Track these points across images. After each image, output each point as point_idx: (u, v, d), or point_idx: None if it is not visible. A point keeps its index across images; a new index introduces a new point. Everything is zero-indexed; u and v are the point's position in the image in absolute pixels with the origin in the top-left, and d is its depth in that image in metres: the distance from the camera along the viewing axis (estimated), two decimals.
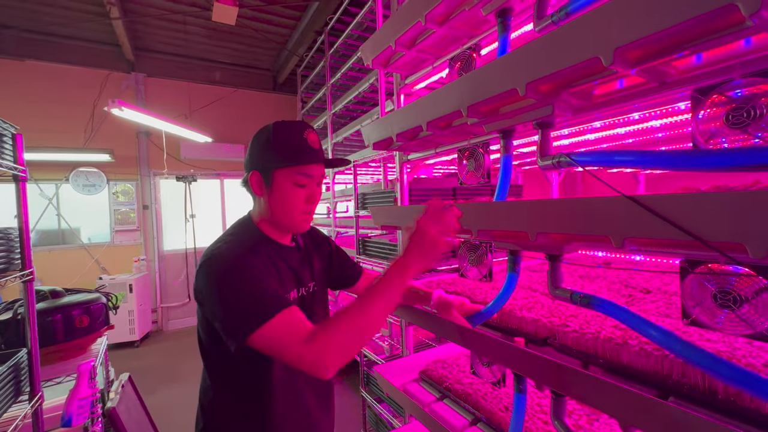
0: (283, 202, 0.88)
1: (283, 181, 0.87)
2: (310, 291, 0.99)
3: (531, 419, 1.02)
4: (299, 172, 0.87)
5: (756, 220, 0.44)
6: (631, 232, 0.57)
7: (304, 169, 0.88)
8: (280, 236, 0.95)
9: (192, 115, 5.12)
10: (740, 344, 0.69)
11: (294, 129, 0.89)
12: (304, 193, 0.89)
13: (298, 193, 0.88)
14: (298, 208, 0.89)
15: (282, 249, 0.94)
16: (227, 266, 0.77)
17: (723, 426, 0.52)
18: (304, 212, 0.90)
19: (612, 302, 0.69)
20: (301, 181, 0.88)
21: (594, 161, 0.66)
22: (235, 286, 0.75)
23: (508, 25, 0.90)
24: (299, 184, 0.88)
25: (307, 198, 0.90)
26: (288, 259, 0.94)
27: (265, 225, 0.93)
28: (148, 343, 4.51)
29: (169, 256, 5.15)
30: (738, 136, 0.59)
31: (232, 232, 0.91)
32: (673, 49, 0.56)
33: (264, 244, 0.90)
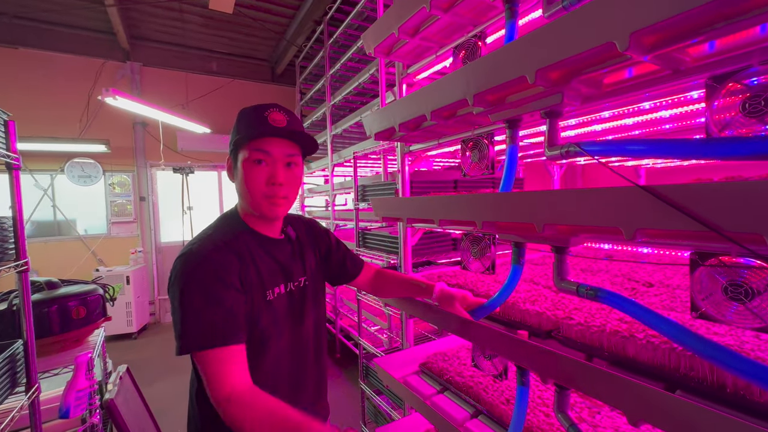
0: (243, 182, 0.85)
1: (243, 160, 0.85)
2: (299, 286, 0.96)
3: (533, 412, 1.02)
4: (254, 148, 0.83)
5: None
6: (644, 223, 0.56)
7: (259, 144, 0.83)
8: (265, 228, 0.92)
9: (189, 105, 5.06)
10: (748, 337, 0.68)
11: (257, 108, 0.86)
12: (264, 172, 0.84)
13: (256, 171, 0.84)
14: (259, 190, 0.84)
15: (267, 242, 0.91)
16: (190, 272, 0.77)
17: (732, 419, 0.51)
18: (267, 195, 0.85)
19: (619, 294, 0.68)
20: (256, 156, 0.83)
21: (604, 151, 0.64)
22: (190, 297, 0.75)
23: (516, 11, 0.88)
24: (255, 159, 0.83)
25: (269, 178, 0.84)
26: (274, 252, 0.92)
27: (247, 215, 0.92)
28: (146, 335, 4.51)
29: (167, 248, 5.13)
30: (754, 125, 0.58)
31: (214, 225, 0.90)
32: (690, 34, 0.54)
33: (247, 237, 0.88)
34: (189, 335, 0.74)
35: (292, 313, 0.93)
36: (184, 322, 0.74)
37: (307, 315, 0.97)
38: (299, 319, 0.95)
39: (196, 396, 0.89)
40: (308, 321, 0.97)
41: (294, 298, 0.94)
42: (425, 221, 1.09)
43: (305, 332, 0.96)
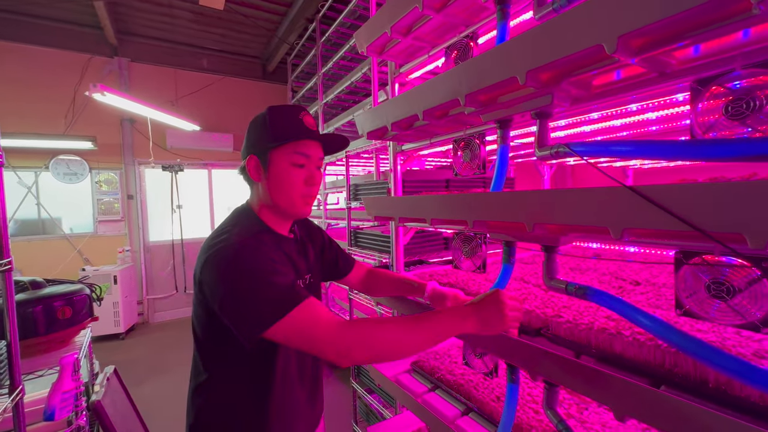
0: (281, 183, 0.86)
1: (281, 162, 0.85)
2: (307, 283, 0.98)
3: (522, 409, 1.03)
4: (296, 151, 0.85)
5: (756, 210, 0.44)
6: (631, 222, 0.57)
7: (301, 147, 0.86)
8: (279, 226, 0.93)
9: (178, 102, 4.99)
10: (729, 334, 0.70)
11: (290, 110, 0.87)
12: (303, 174, 0.87)
13: (296, 173, 0.86)
14: (298, 191, 0.87)
15: (281, 239, 0.92)
16: (238, 257, 0.74)
17: (713, 413, 0.53)
18: (304, 195, 0.88)
19: (606, 292, 0.69)
20: (299, 160, 0.86)
21: (592, 151, 0.65)
22: (250, 277, 0.72)
23: (507, 13, 0.88)
24: (297, 163, 0.86)
25: (307, 179, 0.88)
26: (287, 250, 0.93)
27: (265, 213, 0.91)
28: (134, 336, 4.44)
29: (155, 247, 5.05)
30: (737, 128, 0.60)
31: (234, 222, 0.88)
32: (676, 38, 0.55)
33: (266, 234, 0.88)
34: (265, 309, 0.70)
35: None
36: (256, 298, 0.71)
37: None
38: None
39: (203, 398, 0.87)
40: None
41: None
42: (417, 220, 1.09)
43: None
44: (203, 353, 0.87)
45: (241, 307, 0.72)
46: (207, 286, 0.77)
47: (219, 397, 0.86)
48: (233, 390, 0.85)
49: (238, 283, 0.72)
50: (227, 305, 0.73)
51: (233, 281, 0.73)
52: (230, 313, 0.73)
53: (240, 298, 0.72)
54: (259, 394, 0.85)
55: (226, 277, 0.73)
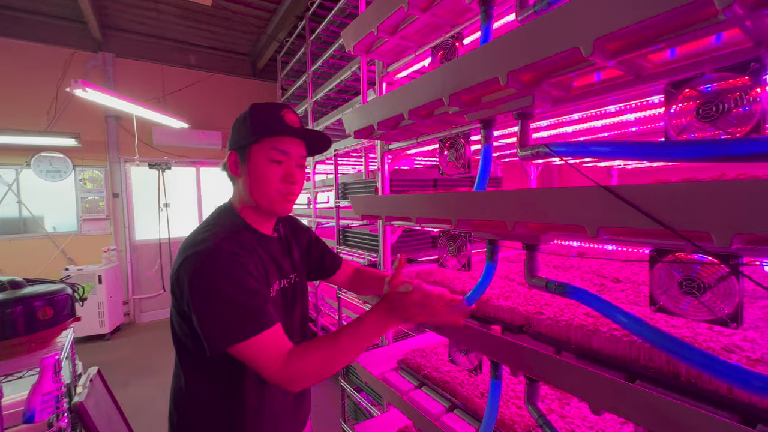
0: (259, 179, 0.85)
1: (258, 157, 0.85)
2: (291, 282, 0.98)
3: (505, 404, 1.05)
4: (273, 147, 0.85)
5: (721, 209, 0.45)
6: (605, 221, 0.59)
7: (279, 143, 0.85)
8: (261, 224, 0.92)
9: (165, 99, 4.91)
10: (702, 329, 0.72)
11: (271, 107, 0.87)
12: (281, 171, 0.86)
13: (273, 169, 0.86)
14: (275, 187, 0.86)
15: (263, 239, 0.91)
16: (212, 265, 0.74)
17: (684, 406, 0.55)
18: (281, 192, 0.87)
19: (585, 290, 0.71)
20: (276, 156, 0.85)
21: (571, 152, 0.67)
22: (220, 290, 0.73)
23: (491, 14, 0.90)
24: (274, 159, 0.85)
25: (285, 176, 0.87)
26: (270, 249, 0.92)
27: (246, 211, 0.91)
28: (120, 336, 4.36)
29: (142, 246, 4.97)
30: (707, 129, 0.62)
31: (214, 222, 0.87)
32: (649, 42, 0.57)
33: (247, 233, 0.87)
34: (227, 329, 0.73)
35: (285, 309, 0.94)
36: (215, 316, 0.73)
37: (295, 311, 0.98)
38: (290, 315, 0.96)
39: (183, 398, 0.87)
40: (296, 317, 0.99)
41: (287, 295, 0.95)
42: (403, 219, 1.10)
43: (294, 328, 0.97)
44: (180, 354, 0.86)
45: (207, 319, 0.73)
46: (179, 287, 0.76)
47: (197, 398, 0.85)
48: (210, 391, 0.84)
49: (207, 294, 0.73)
50: (195, 312, 0.74)
51: (203, 290, 0.73)
52: (197, 319, 0.74)
53: (206, 311, 0.73)
54: (234, 395, 0.84)
55: (197, 284, 0.74)
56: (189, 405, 0.86)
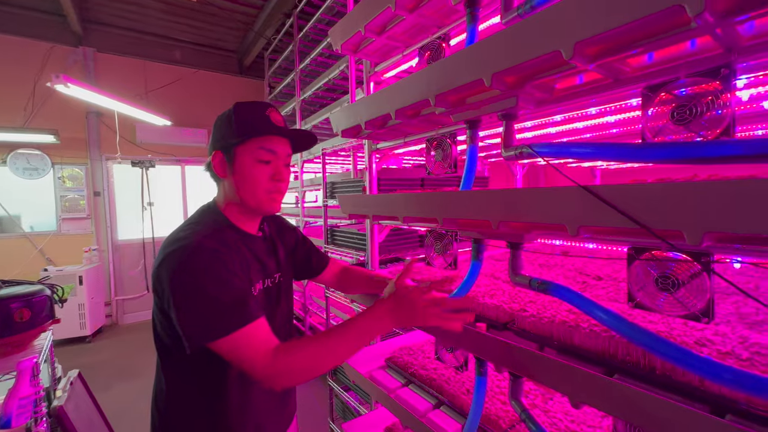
0: (246, 179, 0.85)
1: (245, 158, 0.85)
2: (275, 282, 0.97)
3: (491, 400, 1.07)
4: (261, 147, 0.85)
5: (691, 209, 0.47)
6: (585, 220, 0.60)
7: (266, 143, 0.85)
8: (246, 224, 0.92)
9: (148, 95, 4.80)
10: (677, 324, 0.75)
11: (256, 106, 0.86)
12: (269, 171, 0.86)
13: (261, 169, 0.85)
14: (263, 186, 0.86)
15: (248, 237, 0.91)
16: (194, 261, 0.73)
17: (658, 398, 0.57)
18: (270, 191, 0.87)
19: (565, 287, 0.72)
20: (264, 156, 0.85)
21: (553, 152, 0.68)
22: (202, 285, 0.72)
23: (476, 16, 0.91)
24: (262, 159, 0.85)
25: (273, 176, 0.87)
26: (254, 248, 0.91)
27: (231, 211, 0.90)
28: (102, 338, 4.26)
29: (124, 246, 4.86)
30: (682, 132, 0.64)
31: (197, 220, 0.86)
32: (627, 47, 0.59)
33: (230, 231, 0.86)
34: (208, 324, 0.71)
35: (269, 309, 0.93)
36: (197, 312, 0.71)
37: (279, 310, 0.98)
38: (273, 315, 0.95)
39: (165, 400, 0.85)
40: (280, 317, 0.98)
41: (270, 294, 0.94)
42: (390, 218, 1.10)
43: (278, 328, 0.96)
44: (162, 354, 0.85)
45: (188, 315, 0.72)
46: (159, 285, 0.75)
47: (179, 399, 0.84)
48: (192, 391, 0.84)
49: (188, 290, 0.72)
50: (175, 308, 0.73)
51: (185, 286, 0.72)
52: (177, 316, 0.73)
53: (187, 306, 0.72)
54: (216, 394, 0.83)
55: (179, 281, 0.72)
56: (171, 406, 0.85)
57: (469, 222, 0.84)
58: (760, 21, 0.54)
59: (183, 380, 0.84)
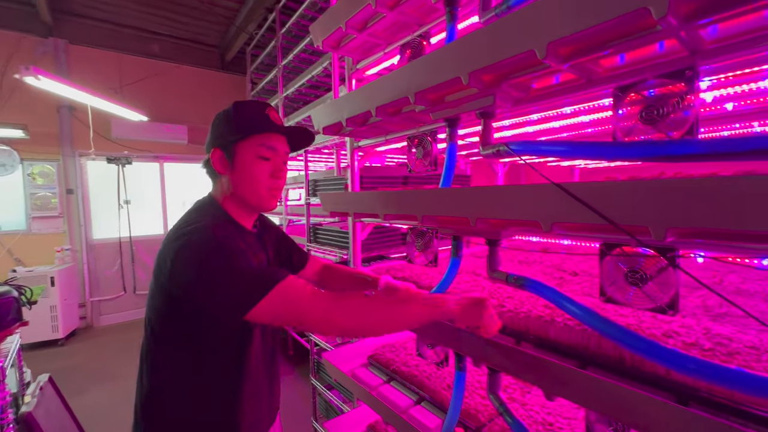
0: (247, 176, 0.87)
1: (246, 155, 0.86)
2: None
3: (471, 395, 1.08)
4: (262, 144, 0.87)
5: (656, 205, 0.49)
6: (558, 217, 0.62)
7: (267, 140, 0.87)
8: (244, 219, 0.93)
9: (123, 90, 4.63)
10: (646, 317, 0.77)
11: (255, 105, 0.89)
12: (269, 167, 0.88)
13: (262, 166, 0.87)
14: (264, 183, 0.88)
15: (245, 233, 0.92)
16: (218, 241, 0.73)
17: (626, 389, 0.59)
18: (270, 188, 0.89)
19: (540, 282, 0.74)
20: (265, 153, 0.87)
21: (528, 150, 0.70)
22: (232, 258, 0.73)
23: (455, 15, 0.91)
24: (263, 156, 0.87)
25: (273, 172, 0.89)
26: (250, 243, 0.92)
27: (230, 206, 0.91)
28: (75, 341, 4.10)
29: (100, 245, 4.69)
30: (649, 132, 0.66)
31: (203, 213, 0.86)
32: (598, 48, 0.60)
33: (230, 226, 0.87)
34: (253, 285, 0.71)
35: None
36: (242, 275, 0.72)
37: None
38: None
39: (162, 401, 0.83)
40: None
41: None
42: (371, 216, 1.10)
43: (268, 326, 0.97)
44: (164, 350, 0.82)
45: (227, 286, 0.71)
46: (180, 273, 0.73)
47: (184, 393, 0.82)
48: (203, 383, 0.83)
49: (221, 264, 0.72)
50: (210, 289, 0.72)
51: (215, 262, 0.72)
52: (212, 296, 0.72)
53: (224, 278, 0.71)
54: (231, 383, 0.84)
55: (206, 260, 0.72)
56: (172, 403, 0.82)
57: (447, 219, 0.85)
58: (722, 25, 0.56)
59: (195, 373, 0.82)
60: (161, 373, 0.83)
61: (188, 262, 0.72)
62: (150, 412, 0.84)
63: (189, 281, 0.73)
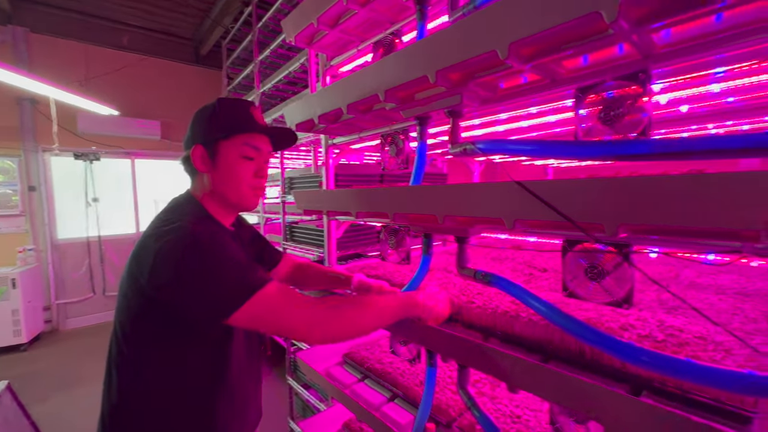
0: (230, 176, 0.86)
1: (230, 153, 0.85)
2: None
3: (443, 391, 1.10)
4: (246, 143, 0.86)
5: (608, 202, 0.51)
6: (520, 214, 0.63)
7: (251, 140, 0.86)
8: (224, 217, 0.92)
9: (90, 82, 4.42)
10: (606, 311, 0.80)
11: (240, 104, 0.88)
12: (252, 167, 0.88)
13: (246, 166, 0.87)
14: (247, 182, 0.87)
15: (225, 231, 0.90)
16: (199, 241, 0.71)
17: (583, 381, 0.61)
18: (254, 187, 0.89)
19: (505, 278, 0.76)
20: (249, 153, 0.86)
21: (493, 149, 0.71)
22: (216, 258, 0.71)
23: (425, 14, 0.92)
24: (247, 156, 0.86)
25: (256, 172, 0.89)
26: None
27: (210, 204, 0.89)
28: (39, 346, 3.91)
29: (66, 245, 4.48)
30: (608, 132, 0.68)
31: (183, 211, 0.83)
32: (558, 49, 0.62)
33: (212, 223, 0.86)
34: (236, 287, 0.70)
35: None
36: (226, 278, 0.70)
37: None
38: None
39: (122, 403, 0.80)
40: None
41: None
42: (344, 213, 1.10)
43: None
44: (137, 355, 0.79)
45: (208, 288, 0.70)
46: (160, 274, 0.71)
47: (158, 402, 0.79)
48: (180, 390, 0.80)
49: (202, 265, 0.70)
50: (189, 291, 0.70)
51: (197, 264, 0.70)
52: (193, 298, 0.70)
53: (206, 280, 0.70)
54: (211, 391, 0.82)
55: (187, 262, 0.70)
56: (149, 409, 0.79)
57: (417, 217, 0.85)
58: (674, 30, 0.58)
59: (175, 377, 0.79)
60: (133, 380, 0.79)
61: (168, 264, 0.70)
62: (119, 422, 0.80)
63: (169, 283, 0.70)
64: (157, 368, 0.79)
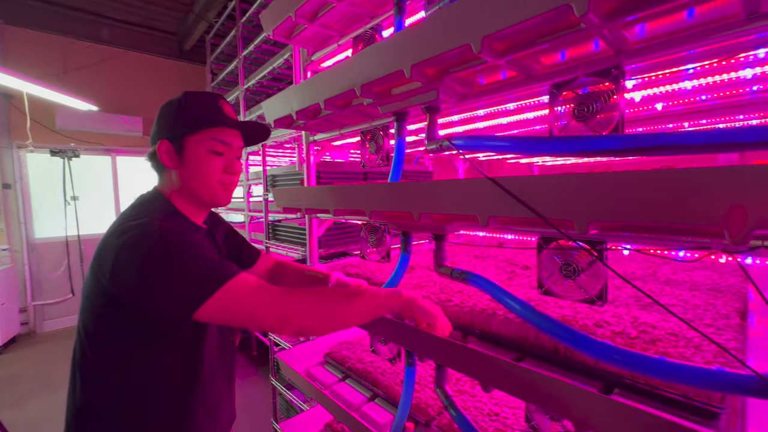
0: (198, 171, 0.83)
1: (197, 149, 0.82)
2: None
3: (423, 389, 1.09)
4: (214, 138, 0.83)
5: (579, 199, 0.50)
6: (494, 211, 0.62)
7: (219, 134, 0.83)
8: (194, 214, 0.88)
9: (67, 76, 4.28)
10: (582, 308, 0.80)
11: (207, 96, 0.85)
12: (222, 162, 0.85)
13: (214, 161, 0.84)
14: (216, 178, 0.84)
15: (195, 228, 0.87)
16: (166, 237, 0.69)
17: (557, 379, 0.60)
18: (223, 182, 0.86)
19: (481, 276, 0.75)
20: (217, 148, 0.83)
21: (468, 145, 0.70)
22: (181, 253, 0.68)
23: (403, 8, 0.90)
24: (215, 151, 0.83)
25: (226, 167, 0.86)
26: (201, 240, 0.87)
27: (178, 201, 0.85)
28: (15, 349, 3.78)
29: (43, 245, 4.33)
30: (582, 128, 0.68)
31: (147, 207, 0.80)
32: (531, 44, 0.61)
33: (181, 221, 0.82)
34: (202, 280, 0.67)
35: None
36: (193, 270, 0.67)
37: None
38: None
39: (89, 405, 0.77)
40: None
41: None
42: (323, 211, 1.08)
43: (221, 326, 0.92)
44: (102, 358, 0.76)
45: (173, 282, 0.67)
46: (123, 272, 0.68)
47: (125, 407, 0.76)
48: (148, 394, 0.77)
49: (167, 260, 0.67)
50: (153, 286, 0.67)
51: (161, 259, 0.67)
52: (157, 294, 0.67)
53: (171, 275, 0.67)
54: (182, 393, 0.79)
55: (150, 257, 0.67)
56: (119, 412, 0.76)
57: (394, 214, 0.84)
58: (647, 25, 0.58)
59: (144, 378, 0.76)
60: (98, 384, 0.76)
61: (131, 260, 0.67)
62: (84, 428, 0.77)
63: (132, 280, 0.67)
64: (124, 371, 0.76)
